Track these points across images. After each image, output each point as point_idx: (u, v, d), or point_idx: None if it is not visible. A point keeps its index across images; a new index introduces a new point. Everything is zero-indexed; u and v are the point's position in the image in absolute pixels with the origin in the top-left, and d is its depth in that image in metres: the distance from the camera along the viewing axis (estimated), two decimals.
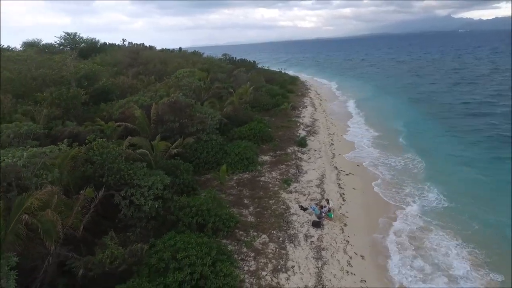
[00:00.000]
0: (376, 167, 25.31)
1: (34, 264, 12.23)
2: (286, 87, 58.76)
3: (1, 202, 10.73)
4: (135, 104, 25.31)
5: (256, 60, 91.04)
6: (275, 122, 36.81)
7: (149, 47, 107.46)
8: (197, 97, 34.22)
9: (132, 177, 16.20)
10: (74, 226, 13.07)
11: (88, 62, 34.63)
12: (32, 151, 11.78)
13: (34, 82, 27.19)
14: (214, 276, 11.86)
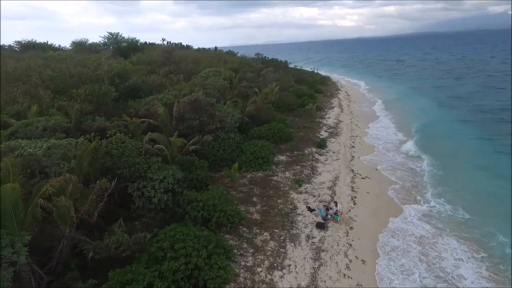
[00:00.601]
0: (394, 171, 24.60)
1: (51, 244, 13.59)
2: (316, 88, 58.26)
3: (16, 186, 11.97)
4: (159, 102, 26.62)
5: (291, 60, 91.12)
6: (298, 122, 36.83)
7: (186, 47, 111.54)
8: (222, 96, 35.24)
9: (146, 170, 17.29)
10: (89, 213, 14.33)
11: (121, 61, 36.68)
12: (51, 142, 13.11)
13: (71, 79, 29.58)
14: (209, 268, 12.47)
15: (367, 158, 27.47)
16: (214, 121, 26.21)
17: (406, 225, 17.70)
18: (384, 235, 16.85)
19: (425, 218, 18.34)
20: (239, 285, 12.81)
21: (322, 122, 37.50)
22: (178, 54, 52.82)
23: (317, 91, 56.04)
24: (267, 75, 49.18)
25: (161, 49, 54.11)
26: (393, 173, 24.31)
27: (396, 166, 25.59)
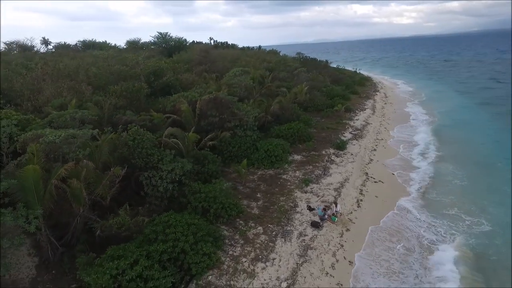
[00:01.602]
0: (411, 178, 23.79)
1: (68, 221, 15.70)
2: (352, 88, 57.04)
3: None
4: (184, 99, 28.43)
5: (338, 59, 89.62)
6: (323, 123, 36.71)
7: (231, 45, 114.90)
8: (249, 95, 36.39)
9: (158, 161, 18.93)
10: (103, 196, 16.25)
11: (157, 60, 39.30)
12: (68, 132, 15.13)
13: (111, 76, 32.66)
14: (194, 253, 13.62)
15: (386, 162, 26.83)
16: (233, 118, 27.38)
17: (406, 237, 17.30)
18: (379, 240, 16.70)
19: (426, 227, 17.79)
20: (222, 271, 13.79)
21: (349, 123, 36.93)
22: (214, 53, 54.75)
23: (353, 92, 54.88)
24: (300, 75, 49.33)
25: (199, 48, 56.55)
26: (409, 180, 23.51)
27: (416, 173, 24.67)
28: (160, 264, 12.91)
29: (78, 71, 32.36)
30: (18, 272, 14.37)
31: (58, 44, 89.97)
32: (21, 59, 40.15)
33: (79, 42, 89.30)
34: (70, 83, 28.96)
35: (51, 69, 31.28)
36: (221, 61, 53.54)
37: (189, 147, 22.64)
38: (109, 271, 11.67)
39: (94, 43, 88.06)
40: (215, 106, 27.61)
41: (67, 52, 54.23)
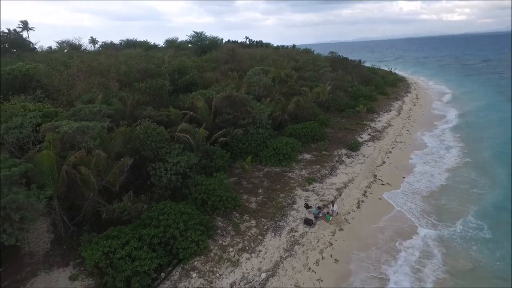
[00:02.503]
0: (421, 186, 23.10)
1: (80, 203, 17.47)
2: (382, 89, 55.44)
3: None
4: (202, 97, 29.73)
5: (376, 57, 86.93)
6: (343, 123, 36.38)
7: (265, 44, 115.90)
8: (268, 94, 37.00)
9: (166, 154, 20.30)
10: (113, 183, 17.86)
11: (181, 59, 41.10)
12: (81, 124, 16.84)
13: (138, 74, 34.90)
14: (183, 239, 14.67)
15: (400, 165, 26.21)
16: (247, 116, 28.21)
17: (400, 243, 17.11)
18: (371, 243, 16.69)
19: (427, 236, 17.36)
20: (208, 258, 14.72)
21: (369, 124, 36.24)
22: (241, 52, 55.85)
23: (381, 93, 53.41)
24: (326, 74, 48.94)
25: (226, 48, 57.98)
26: (418, 187, 22.84)
27: (426, 180, 23.85)
28: (151, 247, 14.11)
29: (109, 69, 34.90)
30: (37, 245, 16.32)
31: (104, 43, 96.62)
32: (64, 57, 43.96)
33: (122, 41, 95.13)
34: (100, 79, 31.44)
35: (86, 67, 34.11)
36: (248, 60, 54.52)
37: (199, 142, 23.82)
38: (102, 249, 13.05)
39: (135, 42, 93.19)
40: (230, 104, 28.60)
41: (105, 51, 58.16)
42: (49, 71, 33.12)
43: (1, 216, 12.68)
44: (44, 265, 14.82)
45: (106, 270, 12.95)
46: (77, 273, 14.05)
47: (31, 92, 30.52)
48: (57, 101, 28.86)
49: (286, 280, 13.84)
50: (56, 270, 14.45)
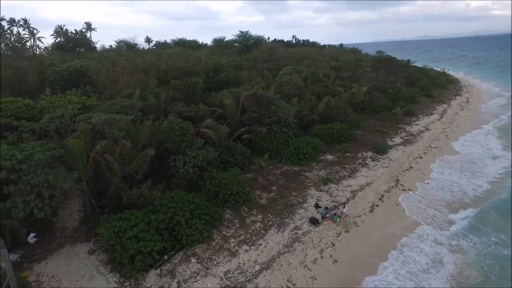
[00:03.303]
0: (448, 191, 21.82)
1: (106, 188, 19.40)
2: (428, 90, 52.26)
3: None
4: (231, 95, 30.80)
5: (432, 58, 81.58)
6: (376, 125, 35.22)
7: (311, 43, 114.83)
8: (301, 93, 37.04)
9: (186, 147, 21.61)
10: (136, 171, 19.58)
11: (216, 58, 42.57)
12: (107, 116, 18.68)
13: (176, 71, 37.06)
14: (187, 227, 15.74)
15: (428, 172, 24.89)
16: (272, 115, 28.70)
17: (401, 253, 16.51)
18: (374, 248, 16.34)
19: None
20: (209, 246, 15.61)
21: (404, 128, 34.63)
22: (280, 52, 56.17)
23: (426, 95, 50.42)
24: (365, 74, 47.45)
25: (265, 47, 58.65)
26: (442, 195, 21.58)
27: (454, 190, 22.39)
28: (158, 231, 15.36)
29: (151, 67, 37.53)
30: (68, 222, 18.53)
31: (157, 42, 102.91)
32: (115, 56, 48.03)
33: (173, 40, 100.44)
34: (141, 76, 34.00)
35: (130, 65, 37.05)
36: (287, 60, 54.72)
37: (221, 137, 24.86)
38: (113, 228, 14.56)
39: (185, 41, 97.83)
40: (256, 102, 29.30)
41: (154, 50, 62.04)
42: (98, 68, 36.57)
43: (34, 193, 14.74)
44: (70, 239, 16.83)
45: (116, 248, 14.43)
46: (95, 248, 15.79)
47: (81, 87, 34.06)
48: (102, 95, 31.82)
49: (279, 274, 14.23)
50: (79, 244, 16.35)
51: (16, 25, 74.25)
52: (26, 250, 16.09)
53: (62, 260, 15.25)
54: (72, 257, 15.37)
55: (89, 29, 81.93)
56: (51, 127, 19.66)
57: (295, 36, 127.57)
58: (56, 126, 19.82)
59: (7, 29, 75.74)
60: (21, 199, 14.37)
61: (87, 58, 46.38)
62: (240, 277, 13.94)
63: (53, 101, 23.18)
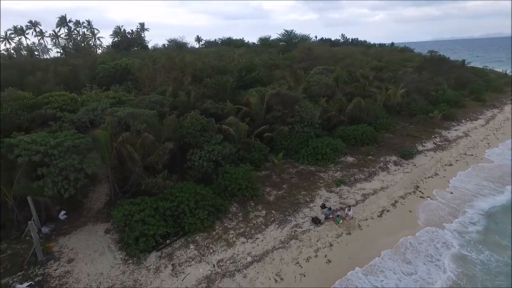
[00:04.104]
0: (473, 201, 20.44)
1: (128, 175, 21.32)
2: (479, 94, 48.19)
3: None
4: (257, 93, 31.55)
5: (499, 57, 74.36)
6: (409, 128, 33.64)
7: (355, 42, 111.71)
8: (331, 93, 36.61)
9: (203, 142, 22.85)
10: (157, 161, 21.29)
11: (250, 57, 43.43)
12: (131, 110, 20.50)
13: (210, 70, 38.73)
14: (191, 215, 16.88)
15: (453, 181, 23.43)
16: (295, 114, 28.93)
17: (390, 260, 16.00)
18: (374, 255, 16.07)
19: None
20: (209, 235, 16.60)
21: (441, 133, 32.64)
22: (316, 51, 55.54)
23: (476, 99, 46.57)
24: (405, 75, 45.21)
25: (302, 46, 58.31)
26: (461, 206, 20.26)
27: (480, 200, 20.88)
28: (163, 217, 16.70)
29: (188, 65, 39.66)
30: (95, 204, 20.77)
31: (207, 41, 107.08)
32: (159, 54, 51.30)
33: (220, 39, 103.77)
34: (176, 74, 36.17)
35: (169, 63, 39.52)
36: (324, 59, 54.03)
37: (241, 134, 25.76)
38: (124, 211, 16.18)
39: (231, 40, 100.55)
40: (281, 102, 29.76)
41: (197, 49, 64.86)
42: (140, 66, 39.58)
43: (62, 175, 16.87)
44: (93, 219, 18.92)
45: (125, 229, 16.05)
46: (111, 228, 17.61)
47: (124, 83, 37.22)
48: (140, 91, 34.49)
49: (269, 267, 14.74)
50: (100, 224, 18.33)
51: (80, 26, 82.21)
52: (56, 225, 18.47)
53: (83, 236, 17.27)
54: (91, 234, 17.33)
55: (143, 29, 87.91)
56: (85, 119, 22.10)
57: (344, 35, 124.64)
58: (89, 118, 22.24)
59: (73, 30, 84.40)
60: (50, 179, 16.56)
61: (135, 57, 50.19)
62: (231, 266, 14.71)
63: (92, 96, 25.88)
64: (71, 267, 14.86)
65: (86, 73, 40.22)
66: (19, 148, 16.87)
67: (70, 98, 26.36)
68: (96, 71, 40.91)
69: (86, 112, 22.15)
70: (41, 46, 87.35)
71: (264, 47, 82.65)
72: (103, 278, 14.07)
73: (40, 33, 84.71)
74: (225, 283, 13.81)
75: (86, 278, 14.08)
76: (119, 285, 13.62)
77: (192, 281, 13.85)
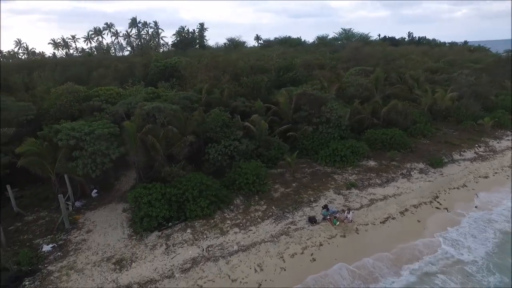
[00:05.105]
0: (488, 221, 18.69)
1: (153, 163, 23.68)
2: None
3: None
4: (287, 93, 32.05)
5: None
6: (450, 136, 31.17)
7: (427, 42, 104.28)
8: (368, 95, 35.42)
9: (221, 137, 24.27)
10: (178, 152, 23.37)
11: (287, 58, 43.52)
12: (155, 104, 22.72)
13: (249, 69, 40.12)
14: (193, 203, 18.41)
15: (483, 195, 21.45)
16: (321, 115, 28.86)
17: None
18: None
19: None
20: (206, 223, 17.95)
21: (487, 142, 29.65)
22: (365, 51, 53.38)
23: None
24: (460, 78, 41.42)
25: (350, 46, 56.44)
26: (481, 226, 18.57)
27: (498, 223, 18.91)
28: (169, 202, 18.47)
29: (228, 64, 41.57)
30: (123, 186, 23.55)
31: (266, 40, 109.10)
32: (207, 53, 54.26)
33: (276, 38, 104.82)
34: (216, 72, 38.25)
35: (213, 62, 41.85)
36: (373, 59, 51.81)
37: (262, 132, 26.64)
38: (135, 194, 18.33)
39: (287, 39, 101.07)
40: (308, 102, 29.93)
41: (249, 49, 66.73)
42: (186, 64, 42.59)
43: (91, 158, 19.66)
44: (118, 199, 21.58)
45: (135, 209, 18.21)
46: (128, 208, 20.00)
47: (170, 80, 40.53)
48: (182, 87, 37.30)
49: (252, 257, 15.57)
50: (121, 204, 20.87)
51: (147, 27, 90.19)
52: (87, 201, 21.52)
53: (105, 212, 19.94)
54: (112, 211, 19.92)
55: (202, 29, 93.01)
56: (120, 111, 25.05)
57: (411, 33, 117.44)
58: (124, 110, 25.15)
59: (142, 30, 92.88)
60: (81, 161, 19.44)
61: (189, 56, 53.80)
62: (218, 252, 15.87)
63: (133, 91, 29.02)
64: (88, 236, 17.43)
65: (140, 70, 44.52)
66: (61, 133, 20.07)
67: (116, 92, 29.85)
68: (149, 69, 45.06)
69: (122, 105, 25.10)
70: (119, 45, 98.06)
71: (317, 46, 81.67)
72: (108, 248, 16.30)
73: (116, 34, 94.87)
74: (207, 266, 15.03)
75: (95, 247, 16.46)
76: (118, 256, 15.70)
77: (179, 260, 15.34)
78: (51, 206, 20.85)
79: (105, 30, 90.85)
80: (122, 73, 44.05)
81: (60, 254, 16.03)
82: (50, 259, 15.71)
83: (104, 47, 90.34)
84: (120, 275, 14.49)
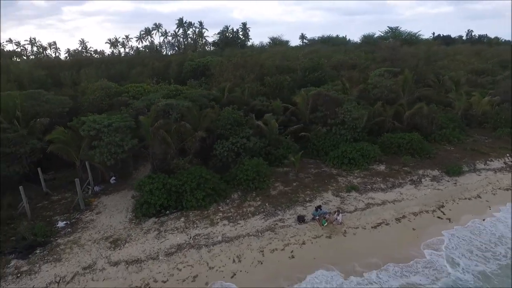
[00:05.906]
0: (494, 236, 17.38)
1: (167, 155, 25.44)
2: None
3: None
4: (306, 93, 32.13)
5: None
6: (479, 143, 28.99)
7: (490, 40, 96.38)
8: (395, 97, 34.10)
9: (230, 134, 25.28)
10: (189, 147, 24.93)
11: (314, 58, 42.95)
12: (167, 101, 24.37)
13: (275, 69, 40.66)
14: (190, 194, 19.67)
15: (501, 210, 19.89)
16: (336, 116, 28.58)
17: None
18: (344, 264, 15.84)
19: None
20: (200, 213, 19.11)
21: None
22: (402, 51, 50.76)
23: None
24: (505, 81, 37.94)
25: (385, 46, 53.95)
26: (484, 240, 17.33)
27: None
28: (169, 192, 19.91)
29: (255, 64, 42.43)
30: (139, 176, 25.61)
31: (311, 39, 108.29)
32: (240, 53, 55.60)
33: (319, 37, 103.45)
34: (242, 72, 39.35)
35: (241, 61, 43.03)
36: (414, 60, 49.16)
37: (272, 131, 27.19)
38: (140, 182, 20.09)
39: (330, 38, 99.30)
40: (324, 102, 29.81)
41: (278, 49, 66.89)
42: (216, 63, 44.31)
43: (107, 148, 21.85)
44: (131, 187, 23.58)
45: (138, 196, 19.97)
46: (136, 195, 21.88)
47: (200, 78, 42.55)
48: (208, 85, 39.01)
49: (234, 248, 16.37)
50: (132, 191, 22.81)
51: (192, 27, 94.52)
52: (105, 187, 23.90)
53: (117, 197, 22.06)
54: (123, 197, 21.97)
55: (245, 28, 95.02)
56: (142, 106, 27.22)
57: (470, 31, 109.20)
58: (145, 106, 27.29)
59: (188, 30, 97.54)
60: (98, 150, 21.70)
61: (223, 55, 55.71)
62: (203, 241, 16.92)
63: (157, 88, 31.22)
64: (96, 217, 19.55)
65: (174, 69, 47.24)
66: (85, 125, 22.56)
67: (144, 88, 32.33)
68: (183, 67, 47.62)
69: (144, 101, 27.26)
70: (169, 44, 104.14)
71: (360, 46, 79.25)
72: (110, 229, 18.19)
73: (164, 33, 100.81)
74: (190, 252, 16.16)
75: (100, 227, 18.45)
76: (116, 236, 17.49)
77: (166, 245, 16.66)
78: (75, 188, 23.48)
79: (153, 30, 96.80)
80: (158, 71, 47.11)
81: (69, 230, 18.26)
82: (61, 234, 17.98)
83: (156, 46, 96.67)
84: (113, 253, 16.21)
